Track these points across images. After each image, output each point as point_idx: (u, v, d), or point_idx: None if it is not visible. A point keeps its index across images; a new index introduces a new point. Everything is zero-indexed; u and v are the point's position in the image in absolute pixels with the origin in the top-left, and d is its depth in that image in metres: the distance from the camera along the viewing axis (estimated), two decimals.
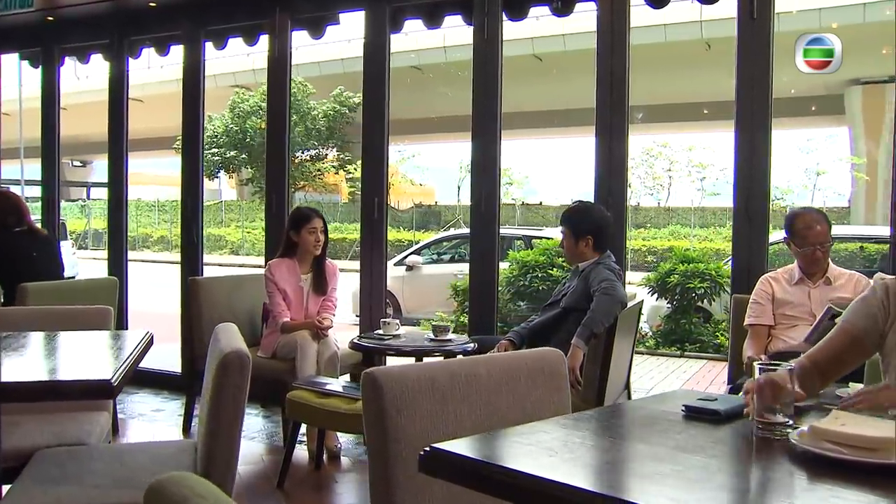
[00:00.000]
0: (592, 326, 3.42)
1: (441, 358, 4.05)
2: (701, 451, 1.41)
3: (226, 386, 2.12)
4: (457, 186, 22.36)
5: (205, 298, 4.43)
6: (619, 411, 1.77)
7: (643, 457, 1.43)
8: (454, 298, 9.07)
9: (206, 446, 2.17)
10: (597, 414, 1.79)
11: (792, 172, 16.23)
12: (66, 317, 2.95)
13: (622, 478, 1.39)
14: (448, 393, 1.93)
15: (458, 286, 9.00)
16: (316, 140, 22.56)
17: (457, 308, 9.04)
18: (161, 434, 4.45)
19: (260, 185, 23.42)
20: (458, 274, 9.92)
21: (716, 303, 7.44)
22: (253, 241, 22.99)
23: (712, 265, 7.49)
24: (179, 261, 5.38)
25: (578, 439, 1.53)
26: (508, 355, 2.16)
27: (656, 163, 19.15)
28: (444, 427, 1.92)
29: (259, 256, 21.19)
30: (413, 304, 10.34)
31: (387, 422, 1.83)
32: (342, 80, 21.69)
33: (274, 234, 5.06)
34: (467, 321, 4.53)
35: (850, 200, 17.64)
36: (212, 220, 24.89)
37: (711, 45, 14.84)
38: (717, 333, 7.56)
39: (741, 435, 1.52)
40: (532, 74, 17.45)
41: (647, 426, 1.62)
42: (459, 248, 11.47)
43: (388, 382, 1.86)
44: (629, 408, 1.78)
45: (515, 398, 2.05)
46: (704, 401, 1.72)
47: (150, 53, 5.91)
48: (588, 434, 1.57)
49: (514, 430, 1.60)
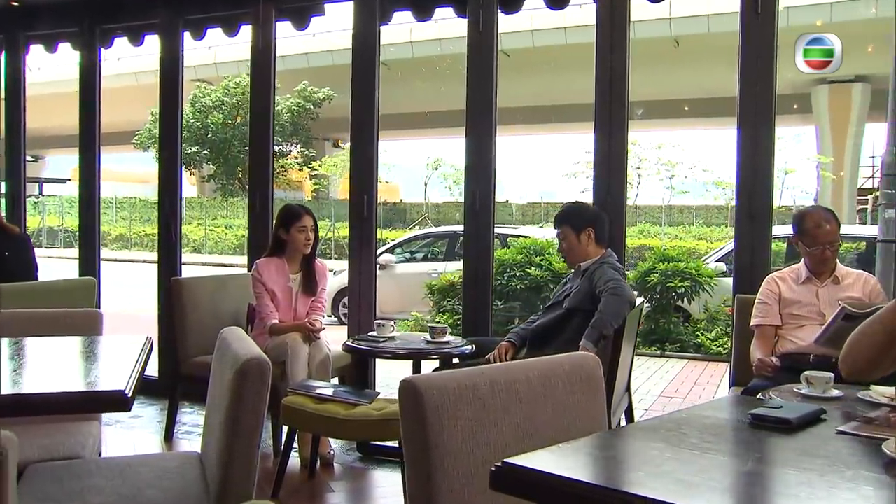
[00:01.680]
0: (601, 328, 3.34)
1: (437, 361, 3.96)
2: (799, 463, 1.32)
3: (245, 395, 1.98)
4: (423, 184, 22.21)
5: (188, 299, 4.24)
6: (678, 421, 1.67)
7: (735, 472, 1.34)
8: (429, 298, 8.94)
9: (221, 460, 2.02)
10: (658, 423, 1.70)
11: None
12: (51, 320, 2.76)
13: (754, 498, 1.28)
14: (489, 401, 1.85)
15: (434, 285, 8.88)
16: (279, 136, 22.19)
17: (432, 308, 8.92)
18: (141, 442, 4.24)
19: (222, 182, 22.99)
20: (433, 273, 9.80)
21: (695, 302, 7.45)
22: (216, 239, 22.50)
23: (692, 264, 7.49)
24: (156, 260, 5.15)
25: (655, 451, 1.43)
26: (546, 361, 2.06)
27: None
28: (486, 436, 1.83)
29: (222, 255, 20.78)
30: (387, 304, 10.16)
31: (428, 432, 1.74)
32: (306, 74, 21.36)
33: (257, 233, 4.89)
34: (461, 322, 4.41)
35: (816, 199, 17.95)
36: None
37: (680, 42, 14.99)
38: (697, 333, 7.57)
39: (824, 442, 1.44)
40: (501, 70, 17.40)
41: (719, 436, 1.54)
42: (432, 247, 11.35)
43: (428, 390, 1.76)
44: (687, 417, 1.69)
45: (554, 405, 1.97)
46: (769, 409, 1.64)
47: (122, 43, 5.67)
48: (665, 446, 1.48)
49: (581, 442, 1.50)
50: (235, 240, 21.97)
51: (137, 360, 2.12)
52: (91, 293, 4.19)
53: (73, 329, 2.72)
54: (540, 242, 8.30)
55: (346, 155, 23.92)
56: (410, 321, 9.13)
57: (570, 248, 3.74)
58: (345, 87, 4.75)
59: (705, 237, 16.73)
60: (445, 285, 8.85)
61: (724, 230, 16.83)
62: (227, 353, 2.23)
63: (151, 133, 22.93)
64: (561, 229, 3.75)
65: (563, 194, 20.08)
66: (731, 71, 4.07)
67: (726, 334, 7.27)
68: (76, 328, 2.74)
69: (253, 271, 4.18)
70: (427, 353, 3.85)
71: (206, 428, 2.36)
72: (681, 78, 16.55)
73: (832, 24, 13.22)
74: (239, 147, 22.21)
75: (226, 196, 23.81)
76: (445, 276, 9.04)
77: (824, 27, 13.10)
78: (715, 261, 8.29)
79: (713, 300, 7.58)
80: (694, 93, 17.16)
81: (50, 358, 2.33)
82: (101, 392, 1.77)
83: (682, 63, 15.96)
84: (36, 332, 2.58)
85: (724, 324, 7.33)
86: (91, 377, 1.99)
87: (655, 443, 1.50)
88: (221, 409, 2.08)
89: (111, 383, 1.83)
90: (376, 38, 4.60)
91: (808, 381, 2.74)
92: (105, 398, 1.75)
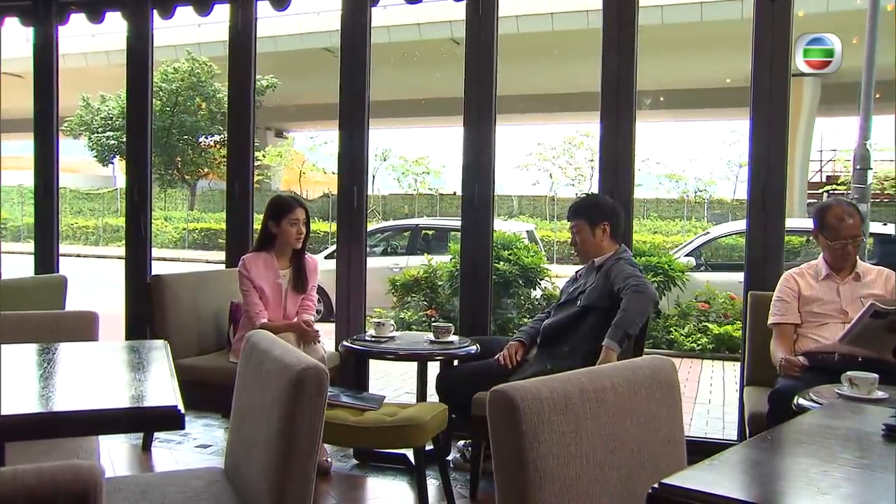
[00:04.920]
0: (626, 327, 3.20)
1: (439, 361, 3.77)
2: None
3: (301, 409, 1.77)
4: (371, 175, 21.86)
5: (169, 298, 3.93)
6: (806, 432, 1.54)
7: None
8: (392, 294, 8.72)
9: (272, 482, 1.80)
10: (784, 434, 1.56)
11: (715, 164, 16.66)
12: (43, 323, 2.46)
13: None
14: (580, 410, 1.71)
15: (397, 281, 8.67)
16: (221, 125, 21.50)
17: (396, 303, 8.70)
18: (119, 452, 3.92)
19: (160, 172, 22.14)
20: (394, 268, 9.57)
21: (665, 298, 7.44)
22: (155, 232, 21.66)
23: (664, 259, 7.48)
24: (124, 255, 4.79)
25: (810, 466, 1.30)
26: (627, 365, 1.90)
27: (577, 153, 19.23)
28: (578, 450, 1.70)
29: (162, 248, 20.00)
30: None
31: (524, 448, 1.59)
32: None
33: (237, 226, 4.60)
34: (458, 321, 4.23)
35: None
36: (107, 209, 23.31)
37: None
38: (670, 329, 7.56)
39: None
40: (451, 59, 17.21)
41: (867, 450, 1.41)
42: (391, 241, 11.10)
43: (524, 402, 1.62)
44: (815, 427, 1.56)
45: (637, 413, 1.84)
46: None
47: (79, 20, 5.26)
48: (816, 461, 1.34)
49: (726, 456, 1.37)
50: (176, 233, 21.22)
51: (168, 369, 1.87)
52: (59, 292, 3.86)
53: (67, 333, 2.44)
54: (507, 236, 8.18)
55: (289, 145, 23.42)
56: (373, 318, 8.89)
57: (584, 242, 3.60)
58: (289, 74, 4.51)
59: (661, 231, 16.88)
60: (409, 281, 8.65)
61: (679, 223, 17.02)
62: (266, 360, 2.00)
63: (83, 120, 21.95)
64: (575, 222, 3.60)
65: (512, 187, 20.04)
66: (685, 62, 4.04)
67: (699, 330, 7.31)
68: (70, 332, 2.45)
69: (240, 267, 3.90)
70: (432, 353, 3.66)
71: (236, 443, 2.12)
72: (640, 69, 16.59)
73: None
74: (178, 135, 21.45)
75: (164, 187, 22.97)
76: (409, 271, 8.83)
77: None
78: (685, 255, 8.32)
79: (684, 295, 7.59)
80: (650, 84, 17.35)
81: (78, 368, 2.05)
82: (152, 408, 1.52)
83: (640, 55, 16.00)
84: (27, 337, 2.29)
85: (696, 319, 7.35)
86: (133, 391, 1.73)
87: (805, 458, 1.37)
88: (266, 424, 1.86)
89: (157, 397, 1.58)
90: (367, 19, 4.36)
91: (852, 383, 2.67)
92: (156, 415, 1.51)
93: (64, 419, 1.48)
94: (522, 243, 8.35)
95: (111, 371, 2.00)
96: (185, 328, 3.98)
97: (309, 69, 18.20)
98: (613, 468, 1.76)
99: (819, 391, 2.67)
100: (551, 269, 8.31)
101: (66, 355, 2.10)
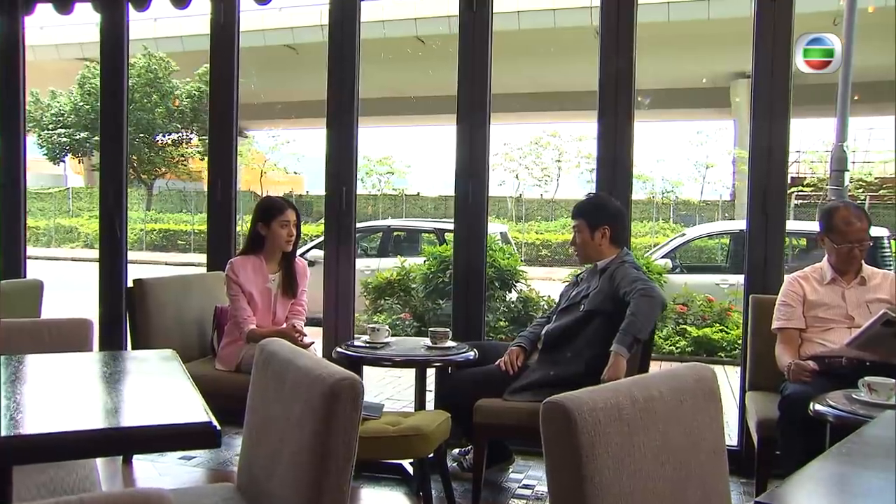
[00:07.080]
0: (636, 332, 3.13)
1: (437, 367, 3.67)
2: None
3: (336, 424, 1.67)
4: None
5: (152, 303, 3.74)
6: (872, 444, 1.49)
7: None
8: (365, 296, 8.57)
9: (306, 499, 1.68)
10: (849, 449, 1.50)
11: (682, 165, 16.66)
12: (35, 332, 2.29)
13: None
14: (632, 421, 1.66)
15: (370, 283, 8.52)
16: (179, 123, 21.03)
17: (368, 307, 8.55)
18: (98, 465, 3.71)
19: None
20: (366, 270, 9.41)
21: None
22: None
23: (642, 261, 7.46)
24: (98, 258, 4.58)
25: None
26: (671, 374, 1.83)
27: (544, 153, 19.16)
28: (631, 463, 1.64)
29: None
30: (317, 303, 9.69)
31: (581, 461, 1.51)
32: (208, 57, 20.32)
33: (219, 227, 4.42)
34: (451, 325, 4.12)
35: (733, 194, 18.30)
36: (58, 210, 22.59)
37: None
38: None
39: None
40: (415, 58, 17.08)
41: None
42: (362, 242, 10.93)
43: (580, 414, 1.55)
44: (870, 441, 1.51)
45: (682, 422, 1.80)
46: None
47: (46, 10, 5.02)
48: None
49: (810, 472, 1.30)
50: (132, 234, 20.66)
51: (188, 382, 1.73)
52: (35, 297, 3.66)
53: (61, 342, 2.27)
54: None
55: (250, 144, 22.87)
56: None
57: (582, 243, 3.52)
58: (249, 71, 4.40)
59: (632, 232, 16.82)
60: (382, 283, 8.51)
61: (648, 225, 17.06)
62: (289, 370, 1.88)
63: (31, 116, 21.24)
64: (577, 222, 3.52)
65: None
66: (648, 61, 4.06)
67: (677, 333, 7.32)
68: (65, 341, 2.29)
69: (227, 270, 3.74)
70: (430, 359, 3.55)
71: (254, 458, 1.98)
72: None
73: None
74: (133, 133, 20.90)
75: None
76: (382, 273, 8.68)
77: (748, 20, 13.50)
78: (661, 257, 8.34)
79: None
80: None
81: (95, 382, 1.89)
82: (188, 425, 1.40)
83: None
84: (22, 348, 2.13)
85: (675, 322, 7.36)
86: (165, 407, 1.59)
87: (880, 472, 1.31)
88: (296, 439, 1.74)
89: (188, 414, 1.45)
90: (356, 13, 4.23)
91: (870, 388, 2.64)
92: (193, 432, 1.38)
93: (89, 439, 1.35)
94: (497, 245, 8.27)
95: (135, 385, 1.85)
96: (166, 334, 3.79)
97: (270, 67, 17.89)
98: (664, 480, 1.70)
99: (833, 397, 2.63)
100: (527, 271, 8.25)
101: (75, 368, 1.94)
